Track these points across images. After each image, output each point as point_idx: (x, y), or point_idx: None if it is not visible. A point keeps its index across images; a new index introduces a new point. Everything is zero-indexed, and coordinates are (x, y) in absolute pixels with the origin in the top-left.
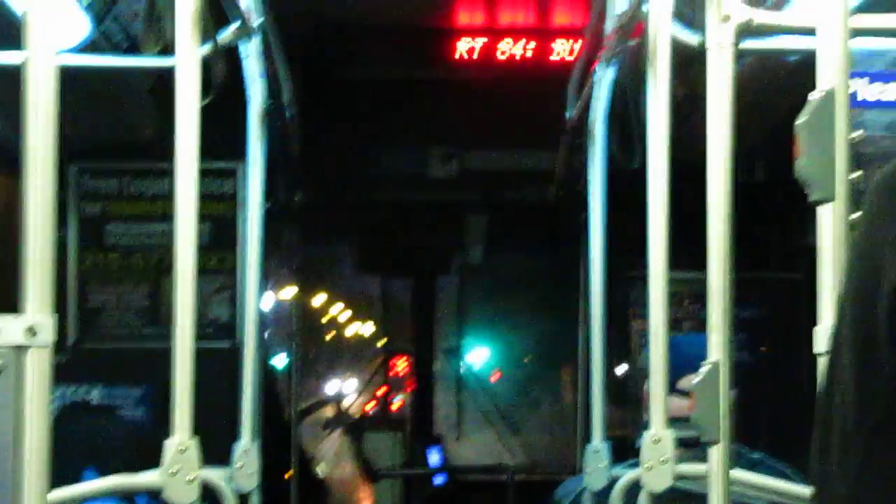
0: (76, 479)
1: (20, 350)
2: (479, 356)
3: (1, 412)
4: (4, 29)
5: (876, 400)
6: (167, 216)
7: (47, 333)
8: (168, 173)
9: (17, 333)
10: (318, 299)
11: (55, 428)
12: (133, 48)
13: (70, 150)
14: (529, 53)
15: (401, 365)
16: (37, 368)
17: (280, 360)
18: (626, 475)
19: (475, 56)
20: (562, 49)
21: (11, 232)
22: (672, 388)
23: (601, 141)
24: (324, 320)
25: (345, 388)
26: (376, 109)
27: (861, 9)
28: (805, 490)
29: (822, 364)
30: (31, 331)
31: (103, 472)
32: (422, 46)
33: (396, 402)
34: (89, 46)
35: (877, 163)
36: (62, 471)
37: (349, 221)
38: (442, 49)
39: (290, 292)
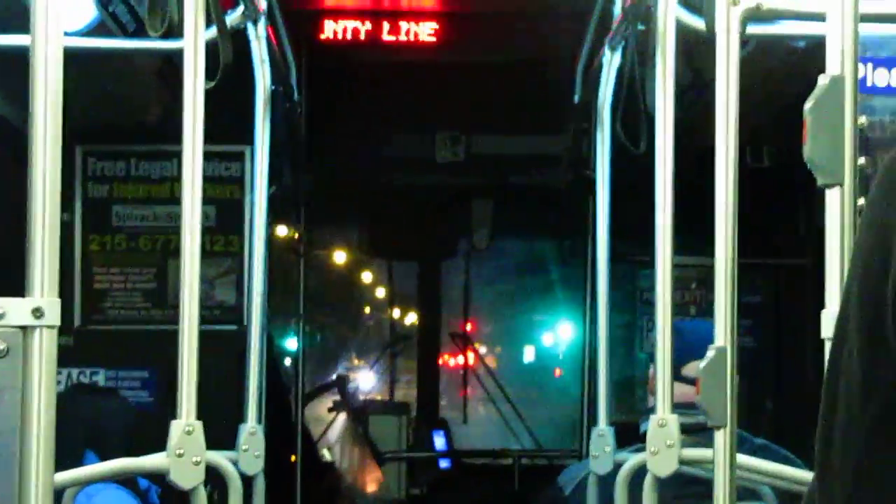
0: (79, 461)
1: (26, 331)
2: (484, 340)
3: (7, 394)
4: (11, 11)
5: (881, 384)
6: (174, 199)
7: (53, 315)
8: (174, 156)
9: (23, 315)
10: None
11: (59, 410)
12: (140, 31)
13: (76, 133)
14: (534, 36)
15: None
16: (42, 350)
17: (286, 345)
18: (631, 459)
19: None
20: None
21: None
22: (676, 374)
23: (608, 125)
24: (330, 304)
25: (351, 372)
26: (383, 93)
27: None
28: (807, 475)
29: (828, 349)
30: (37, 312)
31: (108, 454)
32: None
33: (401, 386)
34: (97, 29)
35: (884, 147)
36: (65, 453)
37: (355, 205)
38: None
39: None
